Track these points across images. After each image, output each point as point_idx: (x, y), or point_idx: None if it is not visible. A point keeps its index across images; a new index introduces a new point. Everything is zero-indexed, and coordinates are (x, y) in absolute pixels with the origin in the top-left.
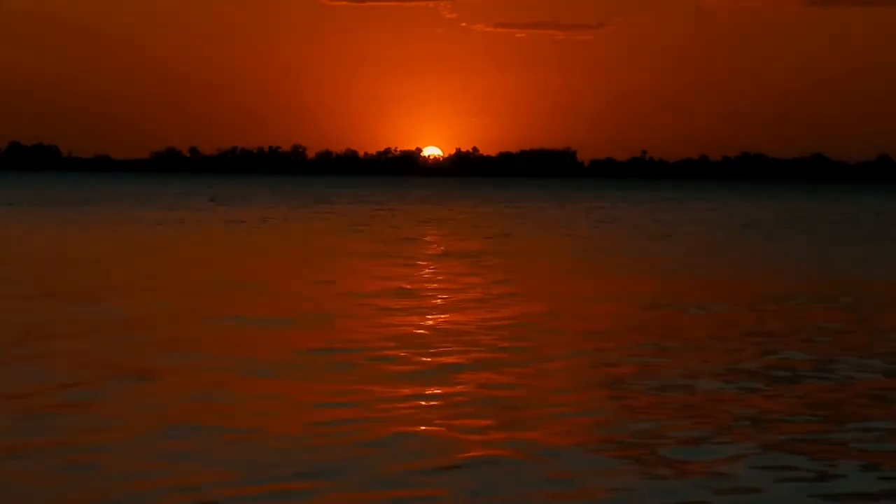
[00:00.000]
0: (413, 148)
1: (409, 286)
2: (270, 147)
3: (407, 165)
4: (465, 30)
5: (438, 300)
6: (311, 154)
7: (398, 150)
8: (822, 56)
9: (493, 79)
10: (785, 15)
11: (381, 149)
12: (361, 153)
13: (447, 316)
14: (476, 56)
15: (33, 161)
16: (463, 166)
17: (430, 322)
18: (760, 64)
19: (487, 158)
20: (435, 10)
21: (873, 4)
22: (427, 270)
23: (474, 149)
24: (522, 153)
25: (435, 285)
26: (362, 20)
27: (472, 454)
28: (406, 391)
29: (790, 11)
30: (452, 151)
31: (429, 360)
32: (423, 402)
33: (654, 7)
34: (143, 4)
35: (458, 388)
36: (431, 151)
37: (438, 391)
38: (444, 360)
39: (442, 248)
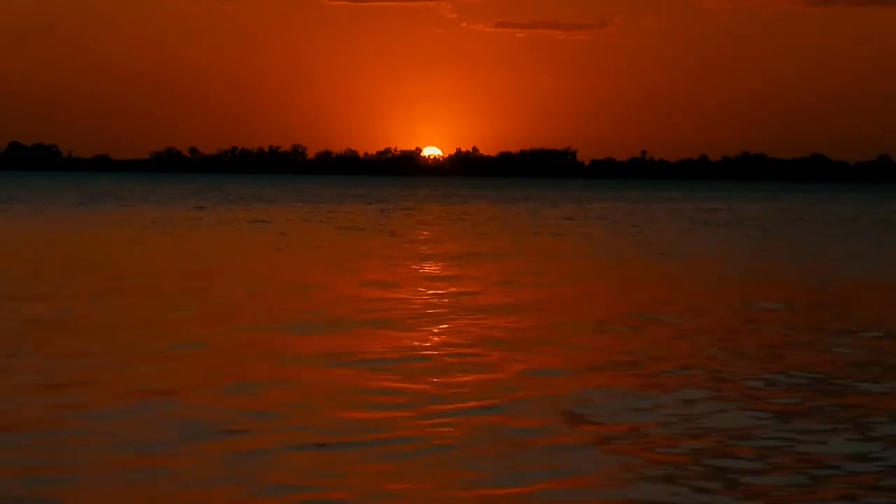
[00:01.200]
0: (413, 148)
1: None
2: (270, 147)
3: (407, 165)
4: (466, 30)
5: None
6: (311, 154)
7: (398, 150)
8: (822, 56)
9: (494, 79)
10: (785, 15)
11: (381, 149)
12: (361, 153)
13: None
14: (476, 56)
15: (33, 161)
16: (463, 166)
17: None
18: (760, 64)
19: (487, 158)
20: (435, 10)
21: (873, 4)
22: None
23: (474, 149)
24: (522, 153)
25: None
26: (362, 20)
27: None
28: None
29: (791, 11)
30: (452, 151)
31: None
32: None
33: (655, 7)
34: (143, 5)
35: None
36: (431, 151)
37: None
38: None
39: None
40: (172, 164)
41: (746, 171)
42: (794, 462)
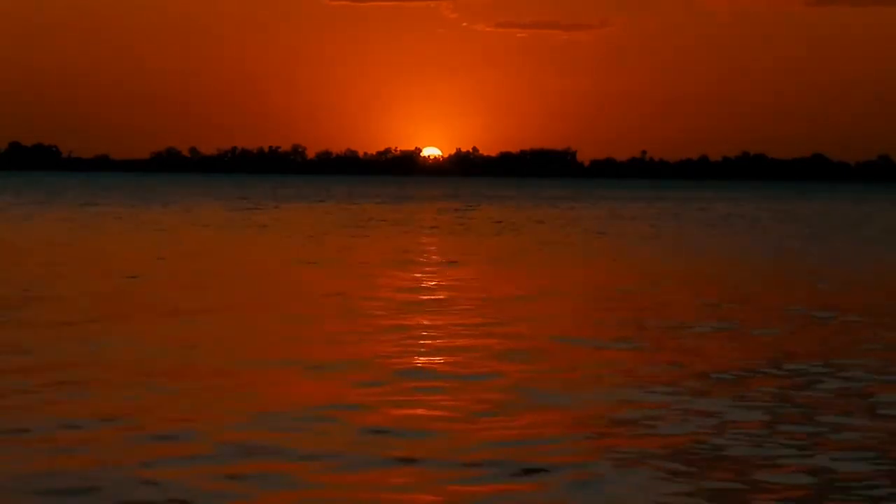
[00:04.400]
0: (413, 148)
1: None
2: (270, 147)
3: (407, 165)
4: (466, 30)
5: None
6: (311, 154)
7: (398, 150)
8: (823, 56)
9: (494, 79)
10: (786, 15)
11: (381, 149)
12: (361, 153)
13: None
14: (477, 56)
15: (33, 161)
16: (463, 166)
17: None
18: (760, 64)
19: (487, 158)
20: (436, 10)
21: (873, 4)
22: None
23: (474, 149)
24: (522, 153)
25: None
26: (362, 20)
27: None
28: None
29: (791, 11)
30: (452, 151)
31: None
32: None
33: (656, 7)
34: (144, 5)
35: None
36: (431, 151)
37: None
38: None
39: None
40: (172, 164)
41: (746, 171)
42: None
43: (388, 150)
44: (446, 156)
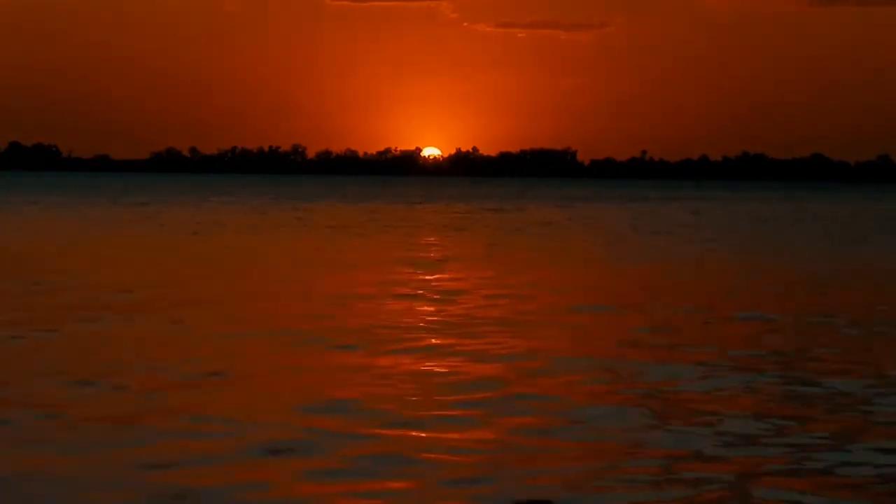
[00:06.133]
0: (413, 148)
1: None
2: (270, 147)
3: (407, 165)
4: (467, 30)
5: None
6: (311, 154)
7: (398, 150)
8: (823, 56)
9: (494, 79)
10: (786, 15)
11: (381, 149)
12: (361, 153)
13: None
14: (477, 56)
15: (33, 161)
16: (463, 166)
17: None
18: (761, 64)
19: (487, 158)
20: (436, 10)
21: (874, 4)
22: None
23: (474, 149)
24: (522, 153)
25: None
26: (363, 20)
27: None
28: None
29: (792, 11)
30: (452, 151)
31: None
32: None
33: (656, 7)
34: (144, 4)
35: None
36: (431, 151)
37: None
38: None
39: None
40: (172, 164)
41: (746, 171)
42: None
43: (388, 150)
44: (446, 156)
